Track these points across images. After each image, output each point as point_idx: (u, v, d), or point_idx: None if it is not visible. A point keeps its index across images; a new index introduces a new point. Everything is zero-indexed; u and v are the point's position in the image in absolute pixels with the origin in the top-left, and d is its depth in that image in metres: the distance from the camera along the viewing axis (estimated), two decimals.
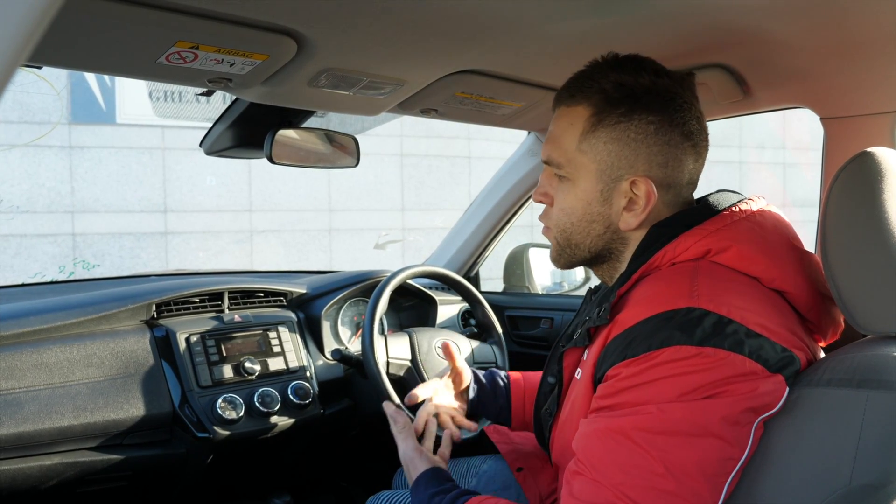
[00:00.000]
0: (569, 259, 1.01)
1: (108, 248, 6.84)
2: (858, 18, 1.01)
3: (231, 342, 1.61)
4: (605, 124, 0.92)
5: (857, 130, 1.28)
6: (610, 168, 0.93)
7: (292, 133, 1.51)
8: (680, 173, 0.95)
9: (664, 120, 0.92)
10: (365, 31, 1.02)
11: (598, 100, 0.92)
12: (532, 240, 2.42)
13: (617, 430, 0.81)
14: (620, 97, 0.91)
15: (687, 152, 0.95)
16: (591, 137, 0.93)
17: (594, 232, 0.96)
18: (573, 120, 0.94)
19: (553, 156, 0.97)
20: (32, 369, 1.37)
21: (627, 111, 0.91)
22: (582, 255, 1.00)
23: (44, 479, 1.38)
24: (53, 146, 6.60)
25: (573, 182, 0.96)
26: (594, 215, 0.95)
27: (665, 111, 0.92)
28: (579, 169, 0.94)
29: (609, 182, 0.93)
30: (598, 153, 0.93)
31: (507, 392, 1.32)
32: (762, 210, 0.95)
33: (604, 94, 0.92)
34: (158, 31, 0.93)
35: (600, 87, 0.93)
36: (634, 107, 0.91)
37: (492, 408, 1.31)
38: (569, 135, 0.95)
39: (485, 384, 1.33)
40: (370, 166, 7.65)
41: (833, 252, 0.85)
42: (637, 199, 0.93)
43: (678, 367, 0.79)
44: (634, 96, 0.91)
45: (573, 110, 0.95)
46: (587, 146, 0.93)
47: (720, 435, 0.78)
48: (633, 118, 0.91)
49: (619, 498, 0.78)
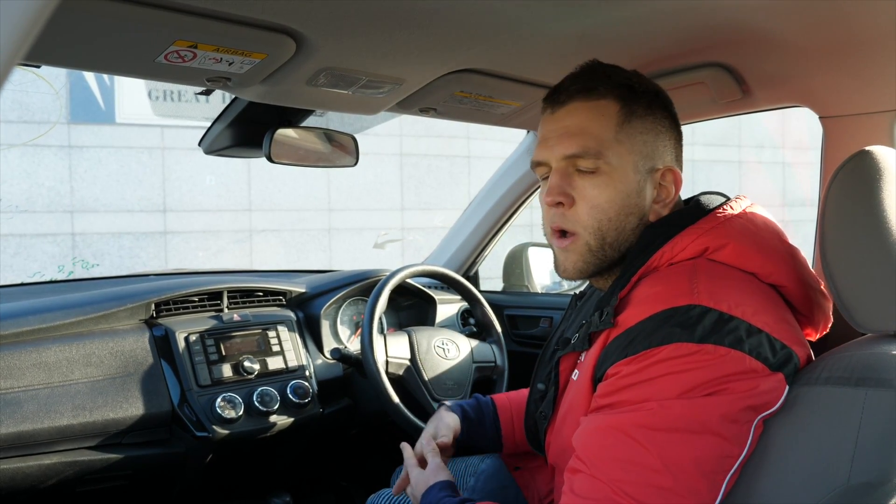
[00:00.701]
0: (598, 264, 0.95)
1: (107, 247, 6.84)
2: (857, 17, 1.01)
3: (230, 341, 1.61)
4: (637, 116, 0.93)
5: (856, 129, 1.28)
6: (645, 159, 0.94)
7: (291, 132, 1.51)
8: (682, 167, 1.00)
9: (672, 117, 0.98)
10: (363, 31, 1.02)
11: (623, 93, 0.93)
12: (531, 239, 2.42)
13: (616, 426, 0.81)
14: (643, 91, 0.95)
15: (682, 149, 1.00)
16: (627, 128, 0.93)
17: (629, 226, 0.94)
18: (601, 112, 0.92)
19: (587, 146, 0.91)
20: (31, 368, 1.37)
21: (650, 105, 0.95)
22: (612, 256, 0.95)
23: (43, 478, 1.38)
24: (53, 146, 6.60)
25: (608, 175, 0.92)
26: (632, 207, 0.94)
27: (670, 109, 0.98)
28: (618, 159, 0.92)
29: (644, 173, 0.94)
30: (634, 143, 0.93)
31: (496, 421, 1.28)
32: (751, 209, 0.97)
33: (628, 88, 0.94)
34: (157, 30, 0.93)
35: (620, 81, 0.94)
36: (655, 101, 0.95)
37: (481, 441, 1.27)
38: (600, 125, 0.92)
39: (472, 419, 1.27)
40: (370, 166, 7.65)
41: (832, 250, 0.85)
42: (666, 189, 0.96)
43: (679, 364, 0.79)
44: (653, 92, 0.96)
45: (599, 103, 0.93)
46: (624, 136, 0.92)
47: (719, 432, 0.78)
48: (656, 113, 0.95)
49: (617, 494, 0.78)
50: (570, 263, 0.97)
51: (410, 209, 8.01)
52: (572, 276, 0.98)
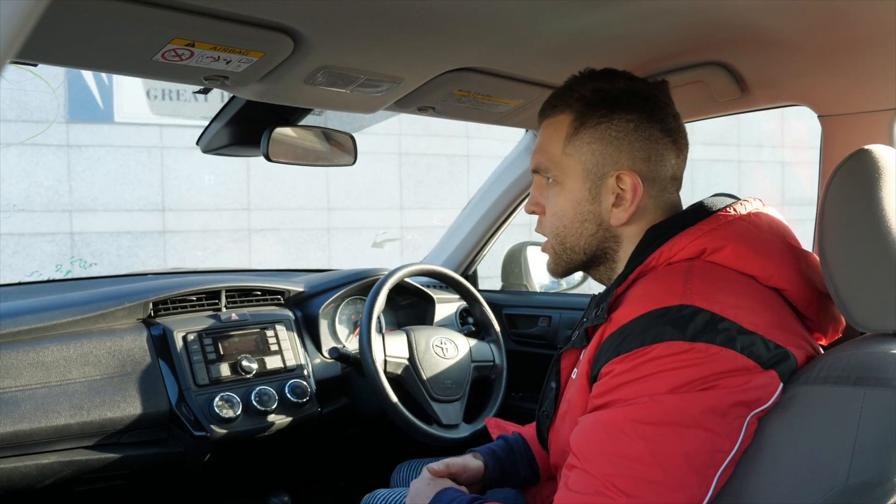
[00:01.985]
0: (566, 264, 1.04)
1: (106, 246, 6.83)
2: (856, 16, 1.01)
3: (228, 341, 1.61)
4: (588, 126, 0.97)
5: (855, 128, 1.28)
6: (595, 166, 0.97)
7: (289, 131, 1.51)
8: (662, 167, 0.98)
9: (643, 117, 0.96)
10: (361, 29, 1.02)
11: (579, 106, 0.98)
12: (530, 238, 2.42)
13: (608, 422, 0.82)
14: (599, 100, 0.97)
15: (668, 147, 0.98)
16: (575, 140, 0.98)
17: (587, 231, 0.99)
18: (557, 127, 0.99)
19: (540, 162, 1.01)
20: (29, 368, 1.37)
21: (607, 112, 0.96)
22: (578, 259, 1.02)
23: (40, 477, 1.38)
24: (51, 145, 6.59)
25: (561, 185, 0.99)
26: (585, 214, 0.98)
27: (643, 109, 0.97)
28: (566, 171, 0.99)
29: (595, 180, 0.97)
30: (582, 154, 0.97)
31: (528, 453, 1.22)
32: (757, 211, 0.96)
33: (584, 100, 0.97)
34: (154, 28, 0.93)
35: (580, 94, 0.98)
36: (614, 108, 0.96)
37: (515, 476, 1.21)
38: (554, 141, 0.99)
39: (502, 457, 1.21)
40: (368, 165, 7.64)
41: (830, 249, 0.85)
42: (624, 194, 0.96)
43: (670, 362, 0.80)
44: (613, 98, 0.97)
45: (556, 119, 1.00)
46: (572, 149, 0.98)
47: (709, 426, 0.78)
48: (613, 118, 0.96)
49: (608, 488, 0.79)
50: (547, 265, 1.08)
51: (409, 208, 8.01)
52: (553, 274, 1.08)
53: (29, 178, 6.53)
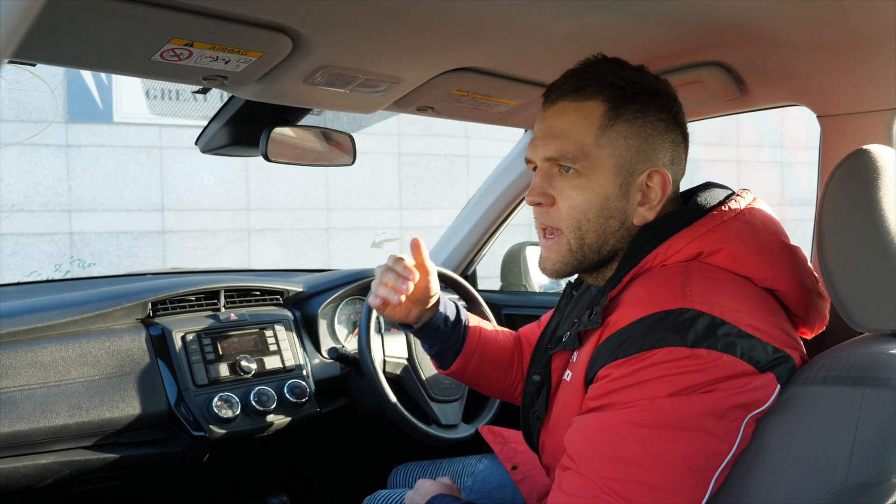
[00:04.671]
0: (577, 263, 0.97)
1: (105, 246, 6.83)
2: (855, 16, 1.00)
3: (227, 341, 1.61)
4: (624, 119, 0.92)
5: (854, 128, 1.28)
6: (629, 162, 0.92)
7: (288, 131, 1.50)
8: (681, 171, 0.98)
9: (671, 118, 0.95)
10: (360, 29, 1.02)
11: (612, 94, 0.92)
12: (529, 238, 2.42)
13: (606, 424, 0.81)
14: (635, 93, 0.92)
15: (684, 151, 0.98)
16: (610, 132, 0.92)
17: (610, 228, 0.94)
18: (585, 114, 0.92)
19: (566, 150, 0.92)
20: (27, 368, 1.37)
21: (643, 107, 0.92)
22: (591, 259, 0.96)
23: (39, 478, 1.38)
24: (50, 145, 6.58)
25: (587, 177, 0.92)
26: (612, 211, 0.93)
27: (671, 110, 0.95)
28: (597, 163, 0.92)
29: (627, 176, 0.93)
30: (617, 147, 0.92)
31: (463, 336, 1.24)
32: (751, 207, 0.95)
33: (618, 90, 0.92)
34: (152, 28, 0.93)
35: (611, 81, 0.92)
36: (649, 103, 0.93)
37: (439, 341, 1.23)
38: (582, 129, 0.92)
39: (449, 318, 1.23)
40: (368, 165, 7.64)
41: (829, 249, 0.85)
42: (652, 192, 0.93)
43: (671, 367, 0.79)
44: (649, 93, 0.93)
45: (583, 105, 0.92)
46: (606, 140, 0.92)
47: (707, 429, 0.78)
48: (648, 115, 0.93)
49: (605, 492, 0.78)
50: (550, 263, 0.99)
51: (408, 208, 8.00)
52: (550, 274, 1.00)
53: (28, 178, 6.52)
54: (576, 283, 1.13)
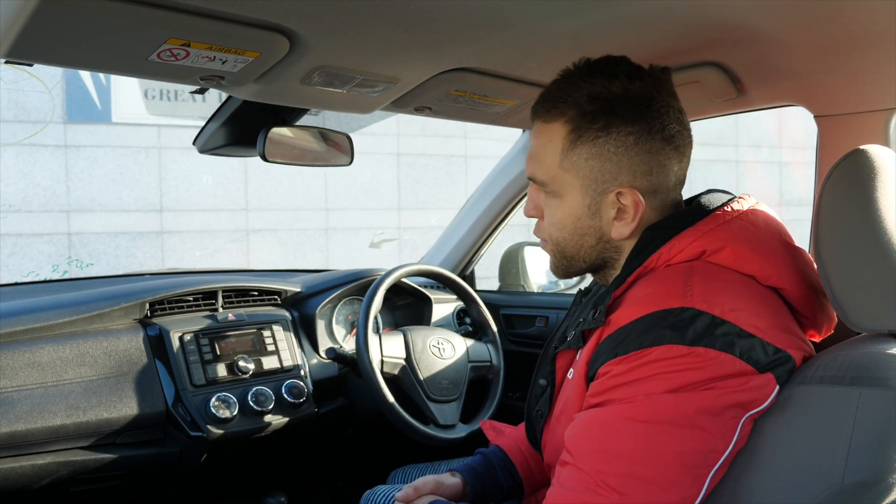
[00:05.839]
0: (567, 270, 1.02)
1: (103, 247, 6.82)
2: (852, 16, 1.01)
3: (225, 341, 1.61)
4: (584, 140, 0.91)
5: (851, 128, 1.28)
6: (594, 183, 0.92)
7: (286, 131, 1.50)
8: (665, 178, 0.94)
9: (643, 129, 0.90)
10: (357, 29, 1.02)
11: (574, 115, 0.91)
12: (528, 238, 2.42)
13: (603, 420, 0.82)
14: (595, 111, 0.90)
15: (670, 156, 0.93)
16: (571, 155, 0.92)
17: (587, 244, 0.97)
18: (551, 137, 0.94)
19: (536, 174, 0.97)
20: (25, 368, 1.37)
21: (605, 125, 0.90)
22: (579, 266, 1.00)
23: (36, 478, 1.38)
24: (49, 145, 6.58)
25: (559, 198, 0.96)
26: (585, 229, 0.96)
27: (642, 119, 0.90)
28: (564, 185, 0.94)
29: (595, 196, 0.93)
30: (580, 169, 0.92)
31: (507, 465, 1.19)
32: (753, 209, 0.95)
33: (579, 109, 0.91)
34: (149, 28, 0.93)
35: (574, 100, 0.91)
36: (611, 119, 0.90)
37: (498, 491, 1.16)
38: (548, 152, 0.94)
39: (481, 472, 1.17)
40: (367, 165, 7.64)
41: (826, 249, 0.85)
42: (626, 209, 0.93)
43: (669, 365, 0.80)
44: (610, 108, 0.90)
45: (550, 127, 0.94)
46: (568, 163, 0.93)
47: (703, 426, 0.78)
48: (611, 131, 0.90)
49: (600, 486, 0.79)
50: (550, 265, 1.05)
51: (407, 208, 8.00)
52: (555, 275, 1.05)
53: (26, 179, 6.52)
54: (585, 292, 1.15)
